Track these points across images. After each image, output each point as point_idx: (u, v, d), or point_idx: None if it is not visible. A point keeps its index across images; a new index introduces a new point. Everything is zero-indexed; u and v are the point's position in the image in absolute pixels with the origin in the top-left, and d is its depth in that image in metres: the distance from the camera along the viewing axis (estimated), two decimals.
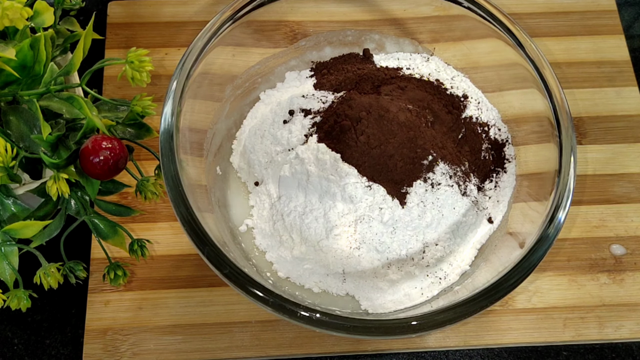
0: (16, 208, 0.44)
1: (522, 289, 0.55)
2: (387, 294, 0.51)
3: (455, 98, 0.57)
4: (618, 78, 0.63)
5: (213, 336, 0.52)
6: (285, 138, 0.54)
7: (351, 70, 0.58)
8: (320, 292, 0.51)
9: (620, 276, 0.56)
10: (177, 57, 0.59)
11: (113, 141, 0.41)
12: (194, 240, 0.43)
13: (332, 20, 0.60)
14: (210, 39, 0.50)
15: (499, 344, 0.53)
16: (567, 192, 0.46)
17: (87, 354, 0.52)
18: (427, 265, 0.51)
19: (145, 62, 0.41)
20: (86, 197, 0.46)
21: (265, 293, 0.42)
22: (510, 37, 0.52)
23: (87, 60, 0.45)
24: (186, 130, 0.49)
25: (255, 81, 0.58)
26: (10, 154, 0.39)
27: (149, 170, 0.52)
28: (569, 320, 0.54)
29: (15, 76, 0.41)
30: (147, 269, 0.54)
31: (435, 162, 0.51)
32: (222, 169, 0.56)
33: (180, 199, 0.44)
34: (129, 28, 0.64)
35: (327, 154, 0.51)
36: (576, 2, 0.67)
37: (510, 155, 0.55)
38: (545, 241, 0.45)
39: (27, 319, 0.54)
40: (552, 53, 0.64)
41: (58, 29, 0.50)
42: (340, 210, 0.51)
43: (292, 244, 0.52)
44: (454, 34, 0.58)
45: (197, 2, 0.66)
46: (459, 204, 0.52)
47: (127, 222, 0.54)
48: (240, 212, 0.54)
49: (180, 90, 0.48)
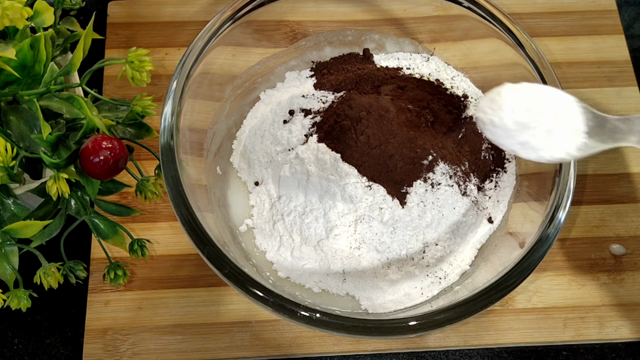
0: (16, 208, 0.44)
1: (522, 289, 0.55)
2: (387, 294, 0.51)
3: (455, 98, 0.57)
4: (618, 78, 0.63)
5: (213, 336, 0.52)
6: (285, 138, 0.54)
7: (351, 70, 0.58)
8: (320, 292, 0.51)
9: (620, 276, 0.56)
10: (177, 57, 0.59)
11: (113, 141, 0.41)
12: (194, 240, 0.43)
13: (332, 20, 0.60)
14: (210, 39, 0.50)
15: (499, 344, 0.53)
16: (567, 192, 0.46)
17: (87, 354, 0.52)
18: (427, 265, 0.51)
19: (145, 62, 0.41)
20: (86, 197, 0.46)
21: (265, 293, 0.42)
22: (510, 37, 0.52)
23: (87, 60, 0.45)
24: (186, 130, 0.49)
25: (255, 81, 0.58)
26: (10, 154, 0.39)
27: (149, 170, 0.52)
28: (569, 320, 0.54)
29: (15, 76, 0.41)
30: (147, 269, 0.55)
31: (435, 162, 0.51)
32: (222, 168, 0.56)
33: (180, 199, 0.44)
34: (129, 28, 0.64)
35: (327, 153, 0.51)
36: (576, 2, 0.67)
37: (510, 155, 0.55)
38: (545, 241, 0.45)
39: (27, 319, 0.54)
40: (552, 53, 0.64)
41: (58, 28, 0.50)
42: (340, 210, 0.51)
43: (292, 243, 0.52)
44: (454, 34, 0.58)
45: (197, 2, 0.66)
46: (459, 203, 0.52)
47: (127, 222, 0.54)
48: (240, 212, 0.54)
49: (180, 90, 0.48)
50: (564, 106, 0.40)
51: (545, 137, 0.39)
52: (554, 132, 0.39)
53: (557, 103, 0.40)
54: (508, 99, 0.40)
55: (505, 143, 0.41)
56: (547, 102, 0.40)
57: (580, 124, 0.40)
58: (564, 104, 0.40)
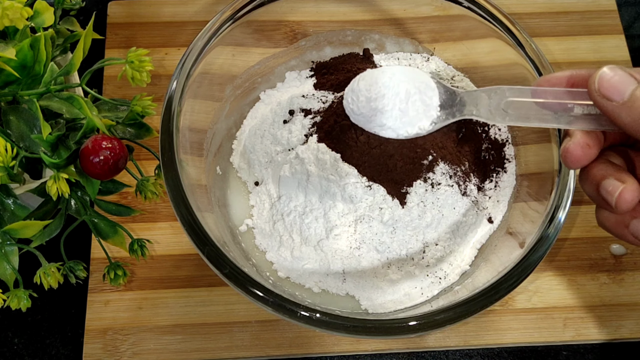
0: (16, 208, 0.44)
1: (522, 289, 0.55)
2: (387, 294, 0.51)
3: None
4: None
5: (213, 336, 0.52)
6: (285, 138, 0.54)
7: (351, 70, 0.58)
8: (320, 292, 0.51)
9: (620, 276, 0.56)
10: (177, 57, 0.59)
11: (113, 141, 0.41)
12: (194, 240, 0.43)
13: (332, 20, 0.60)
14: (210, 39, 0.50)
15: (499, 344, 0.53)
16: (567, 192, 0.46)
17: (87, 353, 0.52)
18: (427, 265, 0.51)
19: (145, 62, 0.41)
20: (86, 197, 0.46)
21: (265, 293, 0.42)
22: (510, 37, 0.52)
23: (87, 60, 0.45)
24: (186, 130, 0.49)
25: (255, 81, 0.58)
26: (10, 154, 0.39)
27: (149, 170, 0.52)
28: (569, 320, 0.54)
29: (15, 76, 0.41)
30: (147, 269, 0.55)
31: (435, 162, 0.51)
32: (222, 168, 0.56)
33: (180, 199, 0.44)
34: (129, 28, 0.64)
35: (327, 153, 0.51)
36: (576, 2, 0.67)
37: (510, 155, 0.55)
38: (545, 241, 0.45)
39: (27, 319, 0.54)
40: (552, 53, 0.64)
41: (58, 28, 0.50)
42: (340, 210, 0.51)
43: (292, 243, 0.52)
44: (454, 34, 0.58)
45: (197, 2, 0.66)
46: (459, 203, 0.52)
47: (127, 222, 0.54)
48: (240, 212, 0.54)
49: (180, 90, 0.48)
50: (419, 84, 0.43)
51: (400, 116, 0.42)
52: (408, 111, 0.42)
53: (412, 82, 0.43)
54: (363, 89, 0.43)
55: (367, 127, 0.44)
56: (401, 83, 0.42)
57: (434, 99, 0.42)
58: (420, 82, 0.43)
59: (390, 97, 0.42)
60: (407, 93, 0.42)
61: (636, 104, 0.34)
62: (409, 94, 0.42)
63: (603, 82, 0.35)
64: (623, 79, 0.34)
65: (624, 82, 0.34)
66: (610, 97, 0.34)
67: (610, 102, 0.35)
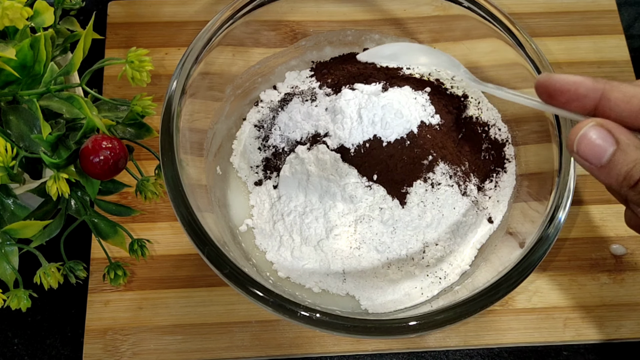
0: (16, 208, 0.44)
1: (522, 289, 0.55)
2: (387, 294, 0.51)
3: (455, 98, 0.57)
4: (618, 78, 0.63)
5: (213, 336, 0.52)
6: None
7: (351, 70, 0.58)
8: (320, 292, 0.51)
9: (621, 276, 0.56)
10: (177, 57, 0.59)
11: (113, 141, 0.41)
12: (194, 240, 0.43)
13: (332, 20, 0.60)
14: (210, 39, 0.50)
15: (499, 344, 0.53)
16: (567, 192, 0.46)
17: (87, 354, 0.52)
18: (427, 265, 0.51)
19: (145, 62, 0.41)
20: (86, 197, 0.46)
21: (265, 293, 0.42)
22: (510, 37, 0.52)
23: (87, 60, 0.44)
24: (186, 130, 0.49)
25: (255, 81, 0.58)
26: (10, 153, 0.39)
27: (149, 170, 0.52)
28: (569, 320, 0.54)
29: (15, 76, 0.41)
30: (147, 269, 0.54)
31: (435, 162, 0.51)
32: (222, 168, 0.56)
33: (180, 199, 0.44)
34: (129, 28, 0.64)
35: (327, 154, 0.51)
36: (576, 2, 0.67)
37: (510, 155, 0.55)
38: (545, 241, 0.45)
39: (27, 319, 0.54)
40: (552, 53, 0.64)
41: (58, 28, 0.50)
42: (340, 210, 0.51)
43: (292, 243, 0.52)
44: (454, 34, 0.58)
45: (197, 2, 0.66)
46: (459, 203, 0.52)
47: (127, 222, 0.54)
48: (240, 212, 0.54)
49: (180, 90, 0.48)
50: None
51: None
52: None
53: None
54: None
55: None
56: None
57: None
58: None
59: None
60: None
61: (613, 170, 0.34)
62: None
63: (581, 145, 0.35)
64: (603, 142, 0.34)
65: (602, 146, 0.34)
66: (588, 160, 0.35)
67: (588, 164, 0.35)
